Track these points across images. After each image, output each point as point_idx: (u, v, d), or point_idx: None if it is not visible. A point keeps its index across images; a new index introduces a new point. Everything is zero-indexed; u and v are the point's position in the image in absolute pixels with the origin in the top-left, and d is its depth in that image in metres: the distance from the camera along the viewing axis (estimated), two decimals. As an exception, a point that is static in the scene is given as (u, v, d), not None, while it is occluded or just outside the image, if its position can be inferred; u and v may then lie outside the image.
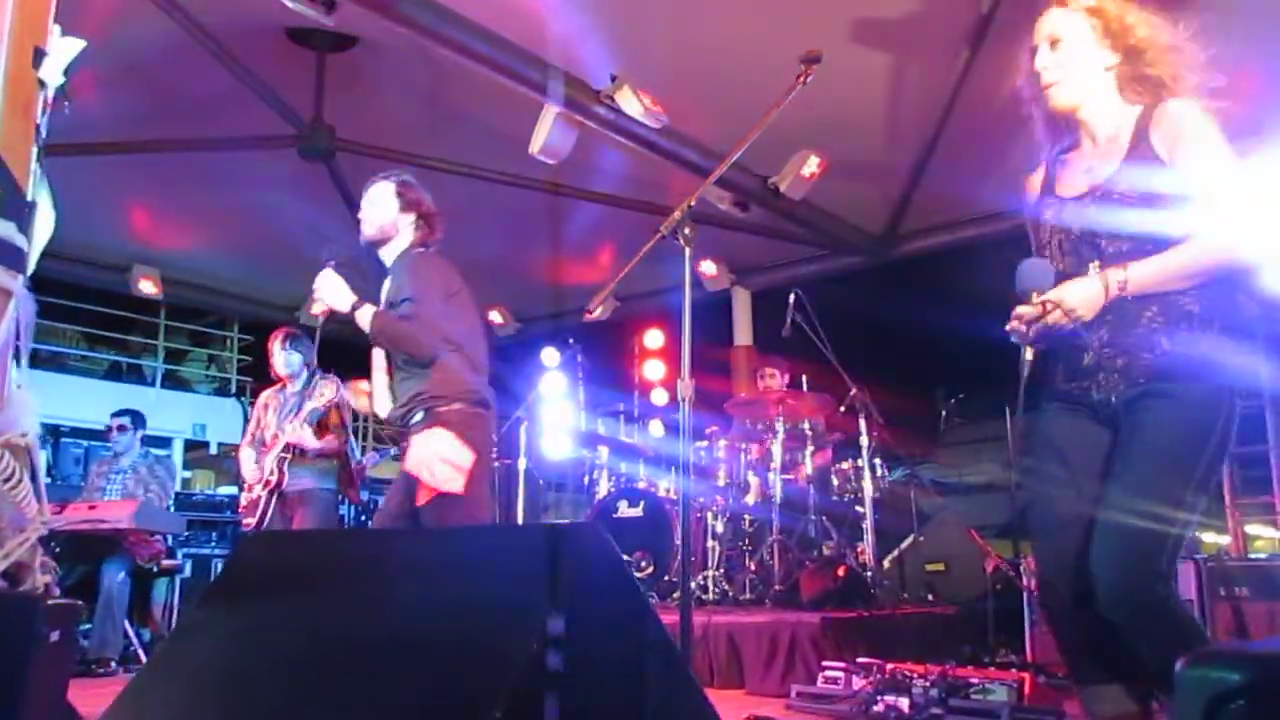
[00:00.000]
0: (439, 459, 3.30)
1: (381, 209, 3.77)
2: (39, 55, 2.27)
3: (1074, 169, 2.41)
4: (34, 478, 2.05)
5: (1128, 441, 2.22)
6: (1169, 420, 2.16)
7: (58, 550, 5.43)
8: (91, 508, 5.75)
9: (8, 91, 2.17)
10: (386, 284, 3.80)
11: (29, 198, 2.22)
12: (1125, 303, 2.20)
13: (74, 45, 2.37)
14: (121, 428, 6.46)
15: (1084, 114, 2.37)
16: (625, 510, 6.18)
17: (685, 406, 2.71)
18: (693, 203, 2.80)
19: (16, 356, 2.17)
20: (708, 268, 7.72)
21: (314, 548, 1.97)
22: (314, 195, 7.35)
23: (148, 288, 8.08)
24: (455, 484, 3.28)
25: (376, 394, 3.75)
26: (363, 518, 7.75)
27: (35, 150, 2.24)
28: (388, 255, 3.81)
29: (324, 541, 2.29)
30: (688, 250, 2.81)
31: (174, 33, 5.22)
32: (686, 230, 2.77)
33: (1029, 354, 2.26)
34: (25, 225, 2.20)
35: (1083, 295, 2.19)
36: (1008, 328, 2.27)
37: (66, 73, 2.33)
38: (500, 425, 7.87)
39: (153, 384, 11.58)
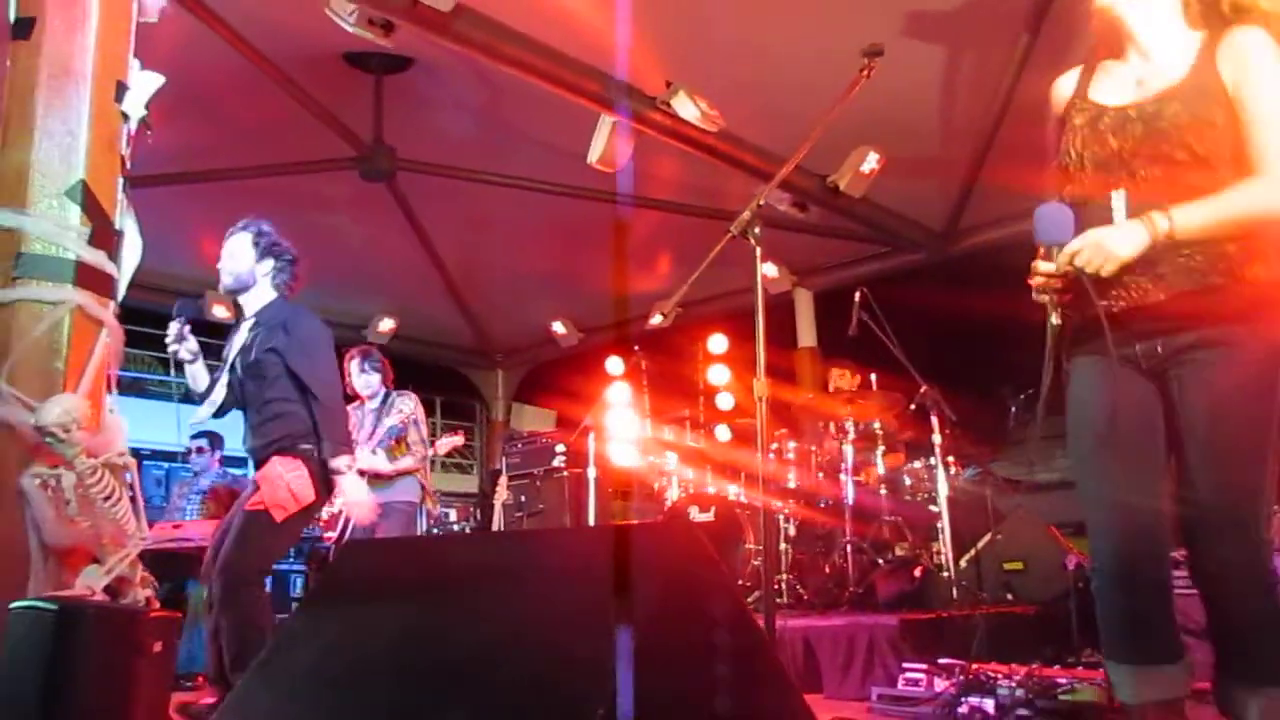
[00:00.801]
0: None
1: (239, 259, 3.97)
2: (121, 90, 2.37)
3: (1120, 78, 2.22)
4: (132, 496, 2.13)
5: (1188, 399, 2.06)
6: (1231, 375, 2.01)
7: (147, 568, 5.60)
8: (176, 527, 5.92)
9: (94, 126, 2.27)
10: (244, 330, 3.96)
11: (117, 226, 2.32)
12: (1167, 248, 2.03)
13: (154, 80, 2.48)
14: (200, 450, 6.64)
15: (1140, 29, 2.19)
16: (696, 516, 6.19)
17: (761, 406, 2.72)
18: (761, 201, 2.81)
19: (107, 383, 2.27)
20: (768, 270, 7.69)
21: (409, 555, 2.02)
22: (376, 215, 7.50)
23: (220, 312, 8.28)
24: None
25: None
26: (434, 529, 7.86)
27: (121, 181, 2.34)
28: (249, 303, 4.00)
29: (419, 548, 2.35)
30: (758, 250, 2.82)
31: (236, 63, 5.37)
32: (756, 229, 2.78)
33: (1056, 318, 2.11)
34: (114, 253, 2.30)
35: (1126, 239, 2.00)
36: (1033, 286, 2.11)
37: (146, 105, 2.44)
38: (568, 434, 7.95)
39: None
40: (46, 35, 2.26)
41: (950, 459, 6.13)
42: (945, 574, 5.56)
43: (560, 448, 7.84)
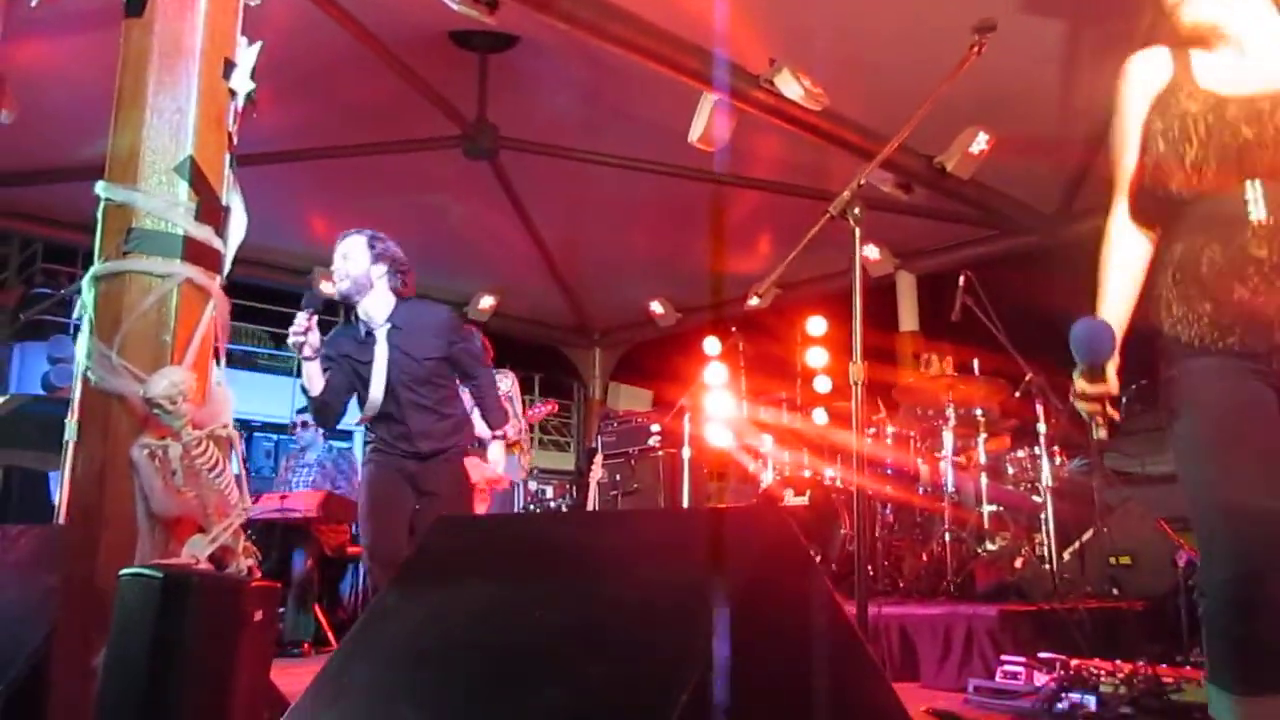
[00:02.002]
0: None
1: (354, 261, 3.98)
2: (229, 67, 2.40)
3: (1230, 67, 2.08)
4: (235, 468, 2.17)
5: None
6: None
7: (253, 538, 5.79)
8: (283, 498, 6.08)
9: (202, 103, 2.29)
10: (382, 338, 3.99)
11: (224, 202, 2.35)
12: None
13: (252, 50, 2.49)
14: (305, 424, 6.81)
15: (1238, 26, 2.07)
16: (790, 499, 6.12)
17: (857, 390, 2.64)
18: (862, 181, 2.72)
19: (215, 355, 2.31)
20: (870, 252, 7.52)
21: (502, 531, 2.02)
22: (478, 193, 7.56)
23: (328, 289, 8.47)
24: None
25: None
26: (531, 506, 7.94)
27: (228, 157, 2.37)
28: (369, 306, 4.02)
29: (510, 525, 2.34)
30: (858, 231, 2.74)
31: (343, 40, 5.44)
32: (856, 210, 2.69)
33: (1102, 431, 2.04)
34: (221, 229, 2.33)
35: None
36: (1080, 408, 2.05)
37: (253, 79, 2.46)
38: (664, 414, 7.93)
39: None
40: (158, 12, 2.29)
41: (1056, 448, 5.93)
42: (1047, 566, 5.39)
43: (656, 428, 7.82)
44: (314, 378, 3.96)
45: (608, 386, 11.18)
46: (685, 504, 6.91)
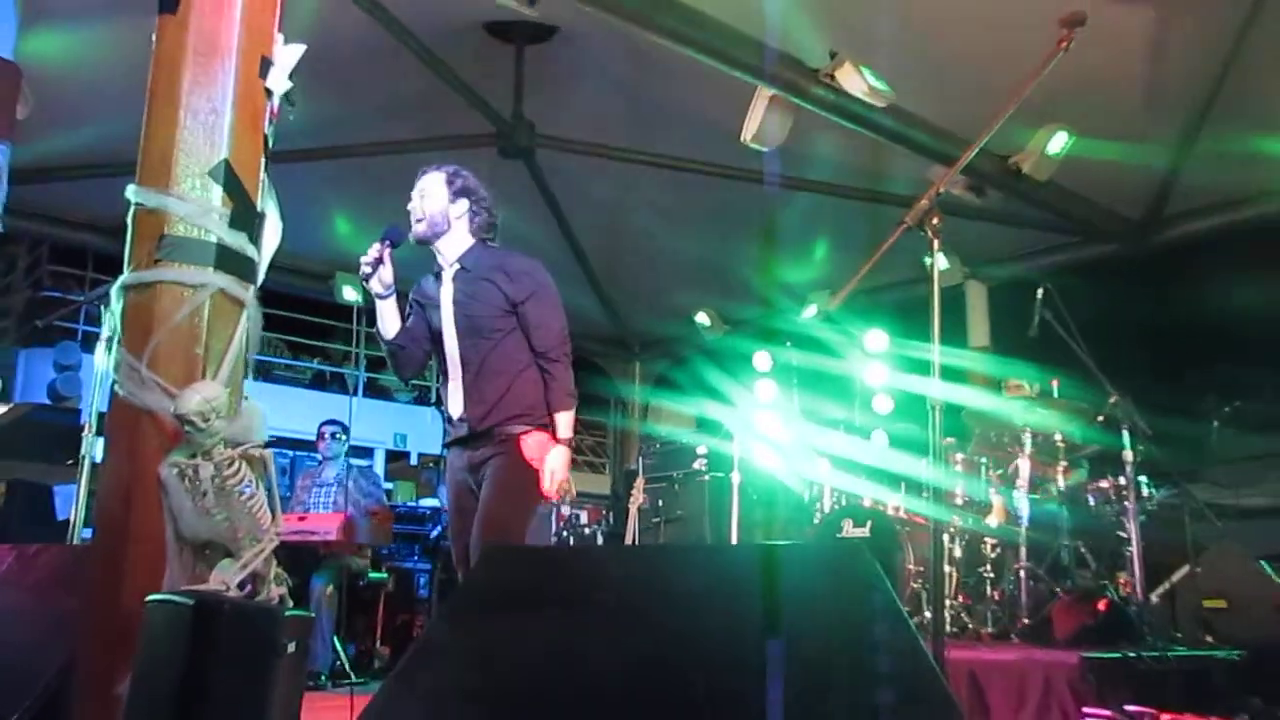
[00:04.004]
0: None
1: (431, 198, 3.90)
2: (265, 65, 2.47)
3: None
4: (268, 489, 2.23)
5: None
6: None
7: (271, 561, 5.88)
8: (301, 519, 6.17)
9: (238, 104, 2.37)
10: (448, 280, 3.89)
11: (258, 208, 2.43)
12: None
13: (294, 51, 2.57)
14: (334, 435, 6.91)
15: None
16: (850, 530, 6.11)
17: (935, 416, 2.65)
18: (941, 190, 2.74)
19: (247, 368, 2.38)
20: (939, 260, 7.48)
21: (550, 565, 2.06)
22: (512, 194, 7.65)
23: (351, 295, 8.62)
24: None
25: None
26: (564, 533, 7.99)
27: (263, 161, 2.45)
28: (443, 246, 3.93)
29: (560, 560, 2.38)
30: (935, 242, 2.76)
31: (374, 34, 5.55)
32: (934, 220, 2.72)
33: None
34: (255, 236, 2.41)
35: None
36: None
37: (291, 77, 2.53)
38: (710, 435, 7.95)
39: (354, 393, 12.34)
40: (194, 8, 2.37)
41: (1143, 478, 5.87)
42: (1134, 608, 5.34)
43: (702, 450, 7.84)
44: (386, 317, 3.92)
45: (648, 403, 11.23)
46: (734, 533, 6.92)
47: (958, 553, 5.92)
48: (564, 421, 3.83)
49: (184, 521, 2.14)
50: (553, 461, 3.76)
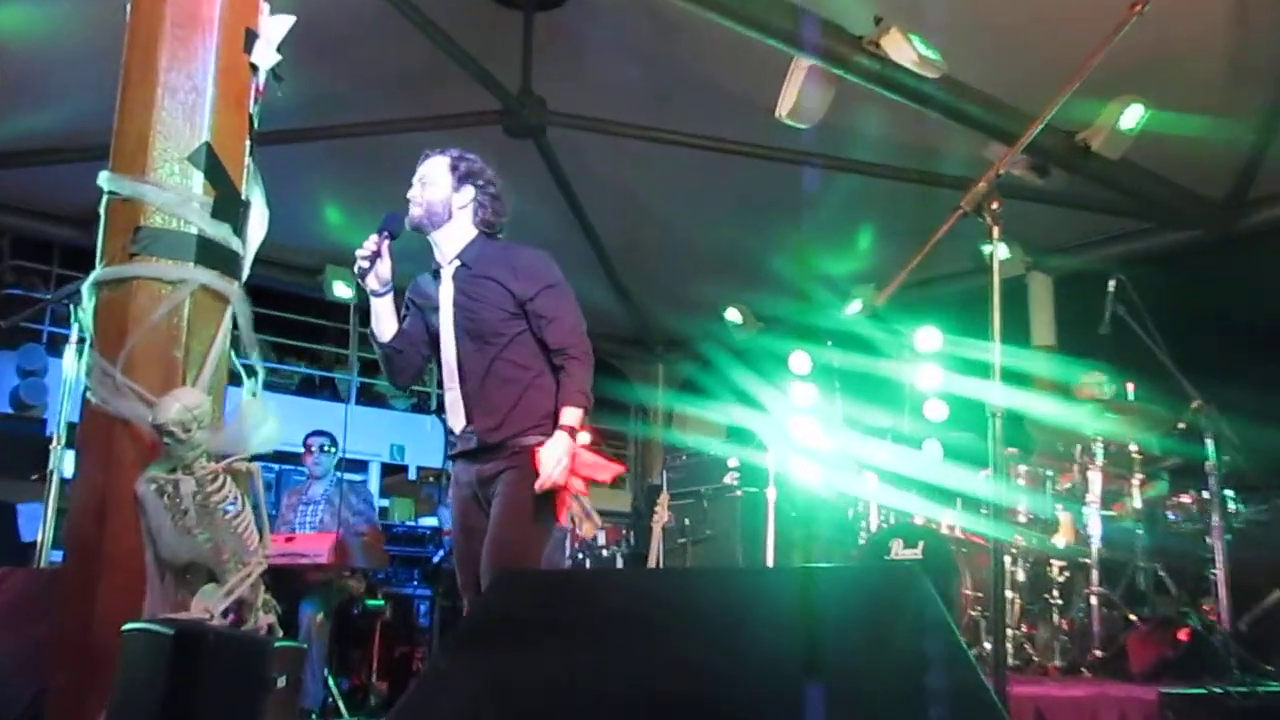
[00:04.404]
0: None
1: (433, 186, 3.91)
2: (250, 38, 2.51)
3: None
4: (255, 506, 2.26)
5: None
6: None
7: (255, 587, 5.93)
8: (288, 540, 6.21)
9: (220, 81, 2.40)
10: (447, 279, 3.90)
11: (243, 196, 2.46)
12: None
13: (283, 22, 2.60)
14: (323, 447, 6.95)
15: None
16: (900, 551, 6.10)
17: (995, 424, 2.65)
18: (1001, 171, 2.74)
19: (235, 371, 2.40)
20: (998, 250, 7.46)
21: (566, 590, 2.07)
22: (520, 177, 7.65)
23: (343, 291, 8.68)
24: None
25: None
26: (580, 555, 8.01)
27: (248, 144, 2.48)
28: (442, 239, 3.93)
29: (576, 584, 2.40)
30: (995, 230, 2.76)
31: (368, 1, 5.58)
32: (993, 205, 2.72)
33: None
34: (240, 226, 2.44)
35: None
36: None
37: (278, 51, 2.56)
38: (742, 445, 7.95)
39: (346, 400, 12.38)
40: (172, -23, 2.40)
41: (1229, 493, 5.84)
42: (1219, 638, 5.31)
43: (733, 462, 7.84)
44: (381, 317, 3.91)
45: (672, 409, 11.23)
46: (769, 556, 6.91)
47: (1021, 576, 5.90)
48: (569, 415, 3.75)
49: (163, 542, 2.17)
50: (551, 449, 3.65)
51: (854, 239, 8.31)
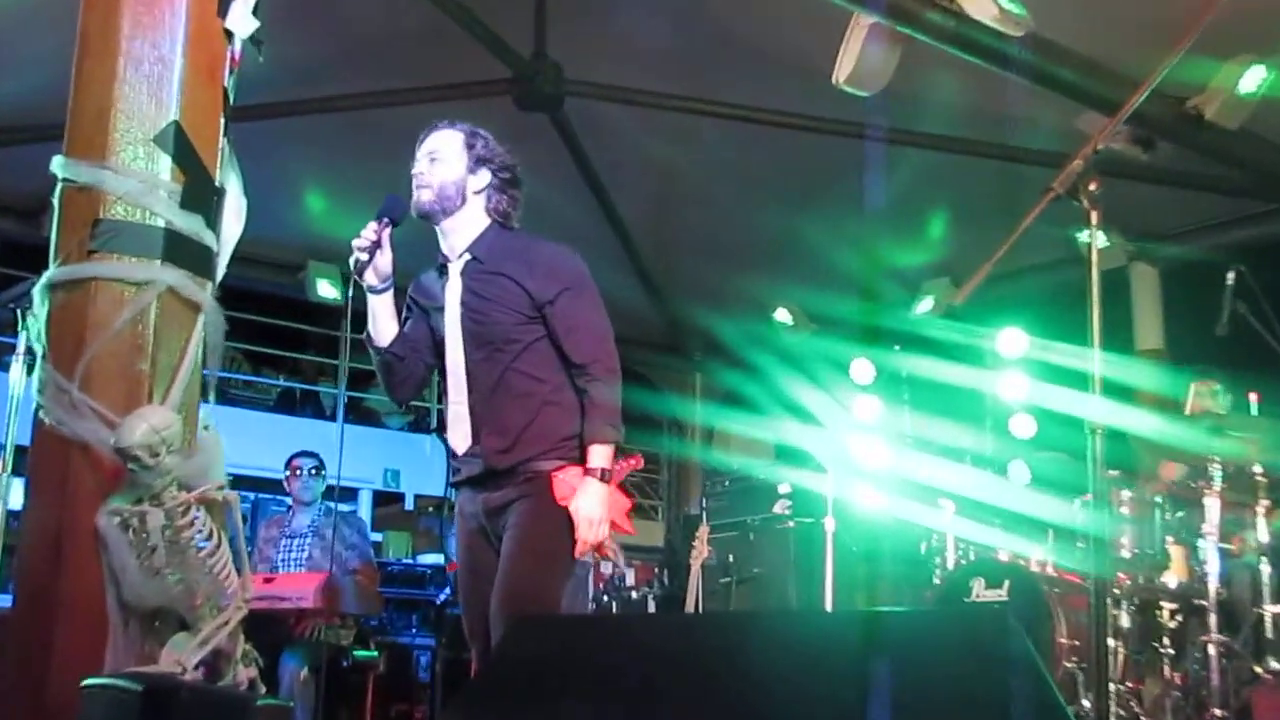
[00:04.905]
0: None
1: (445, 165, 3.88)
2: (224, 1, 2.53)
3: None
4: (233, 541, 2.27)
5: None
6: None
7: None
8: (268, 580, 6.23)
9: (191, 50, 2.42)
10: (455, 275, 3.89)
11: (217, 182, 2.48)
12: None
13: (263, -19, 2.63)
14: (313, 470, 6.97)
15: None
16: (982, 592, 6.09)
17: (1094, 442, 2.65)
18: (1099, 145, 2.74)
19: (204, 389, 2.42)
20: (1096, 238, 7.41)
21: (591, 638, 2.08)
22: (534, 157, 7.66)
23: (328, 291, 8.72)
24: None
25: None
26: (606, 597, 8.02)
27: (223, 122, 2.50)
28: (450, 229, 3.92)
29: (602, 631, 2.40)
30: (1093, 215, 2.75)
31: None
32: (1090, 185, 2.71)
33: None
34: (214, 218, 2.46)
35: None
36: None
37: (256, 11, 2.58)
38: (795, 468, 7.94)
39: (332, 417, 12.38)
40: (134, -69, 2.43)
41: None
42: (1362, 694, 5.28)
43: (784, 488, 7.83)
44: (381, 318, 3.89)
45: (712, 428, 11.22)
46: (828, 597, 6.91)
47: (1125, 621, 5.88)
48: (599, 454, 3.73)
49: (128, 584, 2.19)
50: (588, 503, 3.66)
51: (925, 226, 8.29)
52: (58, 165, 2.35)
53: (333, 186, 8.08)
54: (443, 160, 3.88)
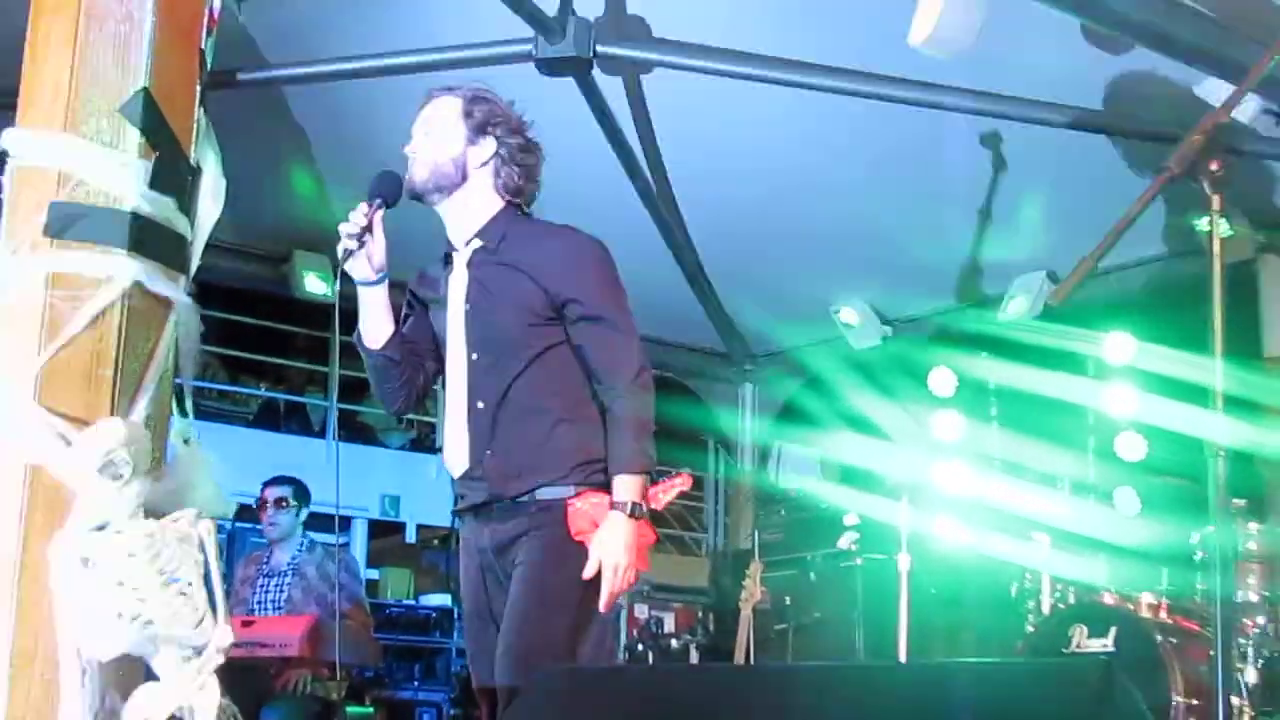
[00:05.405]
0: None
1: (442, 135, 3.87)
2: (202, -52, 2.55)
3: None
4: (207, 578, 2.28)
5: None
6: None
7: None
8: (247, 624, 6.26)
9: (161, 9, 2.43)
10: (460, 265, 3.89)
11: (192, 160, 2.49)
12: None
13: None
14: (280, 502, 7.00)
15: None
16: (1083, 641, 6.07)
17: (1218, 466, 2.63)
18: (1224, 118, 2.72)
19: (179, 397, 2.43)
20: (1218, 226, 7.35)
21: (630, 693, 2.08)
22: (559, 129, 7.68)
23: (316, 286, 8.75)
24: None
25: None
26: (642, 645, 8.03)
27: (199, 91, 2.51)
28: (452, 211, 3.92)
29: (644, 684, 2.41)
30: (1215, 200, 2.73)
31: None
32: (1213, 166, 2.70)
33: None
34: (188, 202, 2.47)
35: None
36: None
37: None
38: (863, 494, 7.93)
39: (321, 433, 12.42)
40: None
41: None
42: None
43: (851, 518, 7.82)
44: (373, 315, 3.85)
45: (767, 448, 11.21)
46: (902, 646, 6.90)
47: (1252, 676, 5.86)
48: (627, 486, 3.68)
49: (86, 629, 2.20)
50: (613, 546, 3.60)
51: (1015, 212, 8.25)
52: (7, 139, 2.35)
53: (320, 165, 8.10)
54: (438, 131, 3.87)
